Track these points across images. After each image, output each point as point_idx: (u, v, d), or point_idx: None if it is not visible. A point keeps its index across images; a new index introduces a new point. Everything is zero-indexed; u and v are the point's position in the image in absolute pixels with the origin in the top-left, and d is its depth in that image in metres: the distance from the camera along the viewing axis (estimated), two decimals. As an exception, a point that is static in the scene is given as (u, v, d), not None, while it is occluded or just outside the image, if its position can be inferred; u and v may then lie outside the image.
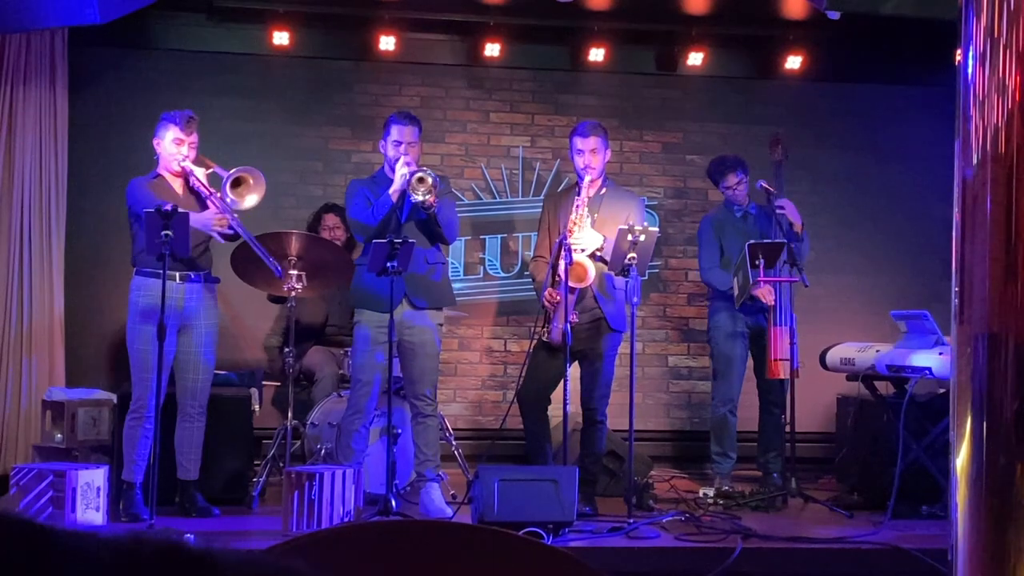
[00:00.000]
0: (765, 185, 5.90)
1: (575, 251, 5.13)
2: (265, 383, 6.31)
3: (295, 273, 5.23)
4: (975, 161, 2.01)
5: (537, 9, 6.95)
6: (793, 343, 5.64)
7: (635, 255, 4.97)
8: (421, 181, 4.99)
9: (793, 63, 7.26)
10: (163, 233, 4.59)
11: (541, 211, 5.73)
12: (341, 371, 6.07)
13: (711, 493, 5.72)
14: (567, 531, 4.68)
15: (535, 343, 5.37)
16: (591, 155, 5.35)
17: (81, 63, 6.65)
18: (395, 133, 5.20)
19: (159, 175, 5.12)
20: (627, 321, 5.31)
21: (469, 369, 7.12)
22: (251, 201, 4.98)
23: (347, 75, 7.13)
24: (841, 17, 6.33)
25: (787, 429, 5.80)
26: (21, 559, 0.62)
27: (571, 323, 5.09)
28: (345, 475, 4.74)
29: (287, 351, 5.44)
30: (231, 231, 5.01)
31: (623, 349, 5.48)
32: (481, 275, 7.18)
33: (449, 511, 5.09)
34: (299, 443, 5.77)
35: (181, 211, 4.69)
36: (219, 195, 4.98)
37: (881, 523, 5.01)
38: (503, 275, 7.19)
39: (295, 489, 4.62)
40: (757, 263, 5.51)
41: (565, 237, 5.16)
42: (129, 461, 5.00)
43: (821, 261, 6.07)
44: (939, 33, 5.32)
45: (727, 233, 5.94)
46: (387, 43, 6.92)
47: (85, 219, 6.64)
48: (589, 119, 5.79)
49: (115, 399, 5.59)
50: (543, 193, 7.02)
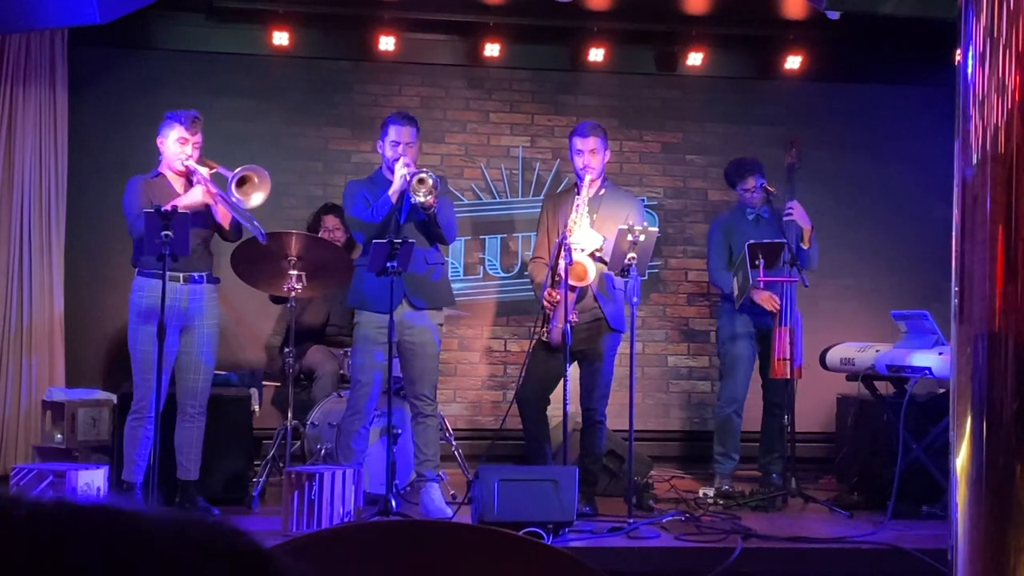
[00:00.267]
0: (765, 185, 5.90)
1: (575, 251, 5.13)
2: (265, 383, 6.32)
3: (295, 273, 5.23)
4: (975, 161, 2.01)
5: (537, 9, 6.95)
6: (794, 343, 5.64)
7: (635, 255, 4.97)
8: (421, 182, 4.98)
9: (793, 63, 7.26)
10: (163, 233, 4.59)
11: (540, 212, 5.73)
12: (341, 371, 6.06)
13: (711, 493, 5.72)
14: (567, 531, 4.68)
15: (534, 343, 5.37)
16: (590, 155, 5.35)
17: (81, 63, 6.65)
18: (393, 134, 5.20)
19: (160, 174, 5.11)
20: (627, 321, 5.30)
21: (469, 369, 7.12)
22: (257, 200, 4.98)
23: (347, 75, 7.13)
24: (841, 17, 6.33)
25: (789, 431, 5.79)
26: (99, 553, 0.60)
27: (571, 323, 5.09)
28: (345, 475, 4.73)
29: (287, 351, 5.44)
30: (224, 207, 4.99)
31: (623, 349, 5.48)
32: (481, 275, 7.18)
33: (449, 511, 5.09)
34: (299, 443, 5.77)
35: (181, 212, 4.70)
36: (213, 178, 4.98)
37: (881, 523, 5.01)
38: (503, 275, 7.19)
39: (295, 489, 4.62)
40: (757, 263, 5.51)
41: (565, 237, 5.16)
42: (129, 461, 5.00)
43: (821, 261, 6.06)
44: (939, 33, 5.31)
45: (737, 235, 5.88)
46: (387, 43, 6.92)
47: (85, 219, 6.64)
48: (589, 119, 5.79)
49: (115, 399, 5.59)
50: (543, 193, 7.01)
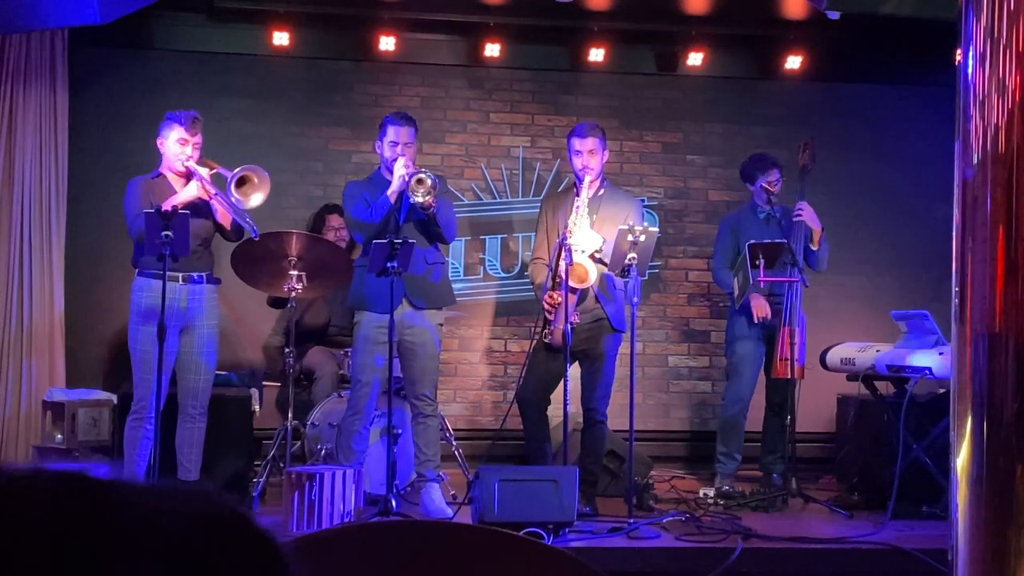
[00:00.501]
0: (765, 185, 5.90)
1: (575, 252, 5.12)
2: (265, 384, 6.31)
3: (295, 274, 5.22)
4: (975, 161, 2.01)
5: (537, 9, 6.95)
6: (795, 343, 5.64)
7: (635, 255, 4.96)
8: (420, 182, 4.98)
9: (793, 63, 7.26)
10: (163, 233, 4.59)
11: (539, 212, 5.72)
12: (341, 371, 6.06)
13: (711, 493, 5.72)
14: (567, 531, 4.68)
15: (535, 343, 5.37)
16: (589, 156, 5.35)
17: (81, 63, 6.65)
18: (391, 134, 5.20)
19: (161, 174, 5.11)
20: (628, 321, 5.30)
21: (469, 369, 7.12)
22: (256, 200, 4.98)
23: (347, 75, 7.13)
24: (841, 17, 6.32)
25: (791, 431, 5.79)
26: (83, 514, 0.63)
27: (572, 324, 5.09)
28: (345, 475, 4.73)
29: (287, 351, 5.44)
30: (220, 203, 4.99)
31: (623, 349, 5.47)
32: (481, 275, 7.18)
33: (449, 511, 5.09)
34: (299, 443, 5.76)
35: (181, 212, 4.70)
36: (213, 178, 4.98)
37: (881, 523, 5.01)
38: (503, 275, 7.19)
39: (295, 489, 4.62)
40: (758, 263, 5.51)
41: (565, 238, 5.16)
42: (130, 461, 4.99)
43: (809, 266, 6.07)
44: (939, 33, 5.30)
45: (746, 235, 5.83)
46: (387, 43, 6.92)
47: (85, 219, 6.63)
48: (589, 119, 5.78)
49: (115, 400, 5.59)
50: (543, 193, 7.01)
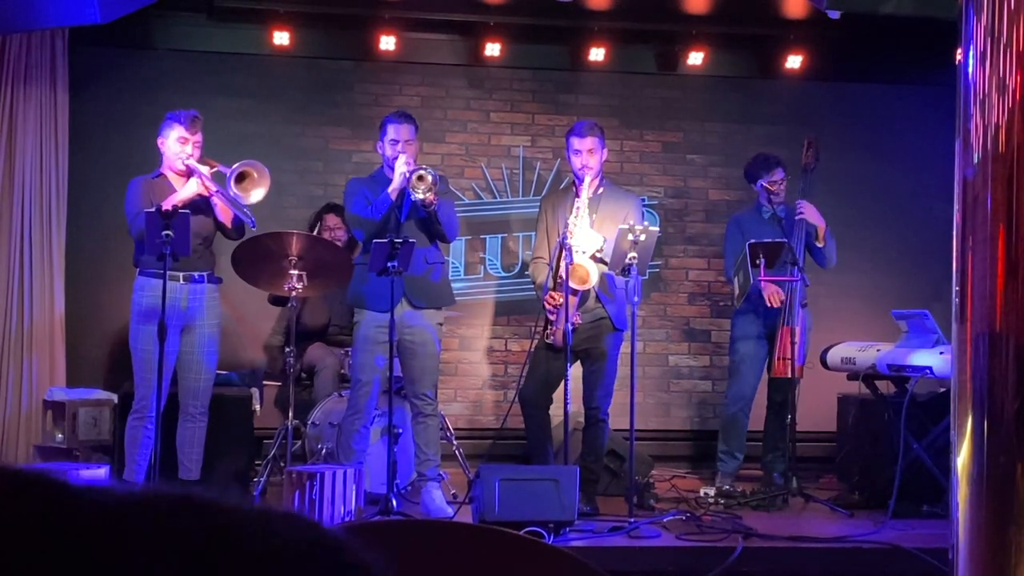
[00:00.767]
0: (765, 185, 5.90)
1: (575, 253, 5.12)
2: (266, 383, 6.32)
3: (295, 273, 5.22)
4: (976, 160, 2.01)
5: (537, 9, 6.95)
6: (795, 342, 5.64)
7: (635, 255, 4.96)
8: (421, 179, 4.98)
9: (794, 63, 7.26)
10: (163, 233, 4.59)
11: (538, 212, 5.71)
12: (342, 371, 6.06)
13: (712, 492, 5.72)
14: (568, 530, 4.68)
15: (536, 343, 5.37)
16: (588, 155, 5.34)
17: (81, 63, 6.64)
18: (392, 132, 5.20)
19: (162, 174, 5.12)
20: (628, 320, 5.30)
21: (470, 369, 7.12)
22: (257, 195, 4.99)
23: (347, 75, 7.13)
24: (841, 17, 6.32)
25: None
26: (36, 513, 0.62)
27: (573, 324, 5.09)
28: (346, 475, 4.73)
29: (288, 351, 5.44)
30: (220, 196, 5.00)
31: (624, 348, 5.48)
32: (481, 275, 7.18)
33: (450, 511, 5.09)
34: (300, 443, 5.76)
35: (182, 212, 4.70)
36: (213, 175, 4.98)
37: (882, 522, 5.01)
38: (503, 275, 7.19)
39: (296, 489, 4.62)
40: (758, 263, 5.51)
41: (565, 238, 5.16)
42: (131, 461, 5.00)
43: (817, 265, 6.07)
44: (939, 33, 5.30)
45: (749, 234, 5.82)
46: (387, 43, 6.92)
47: (85, 219, 6.63)
48: (588, 119, 5.78)
49: (116, 399, 5.60)
50: (543, 193, 7.01)
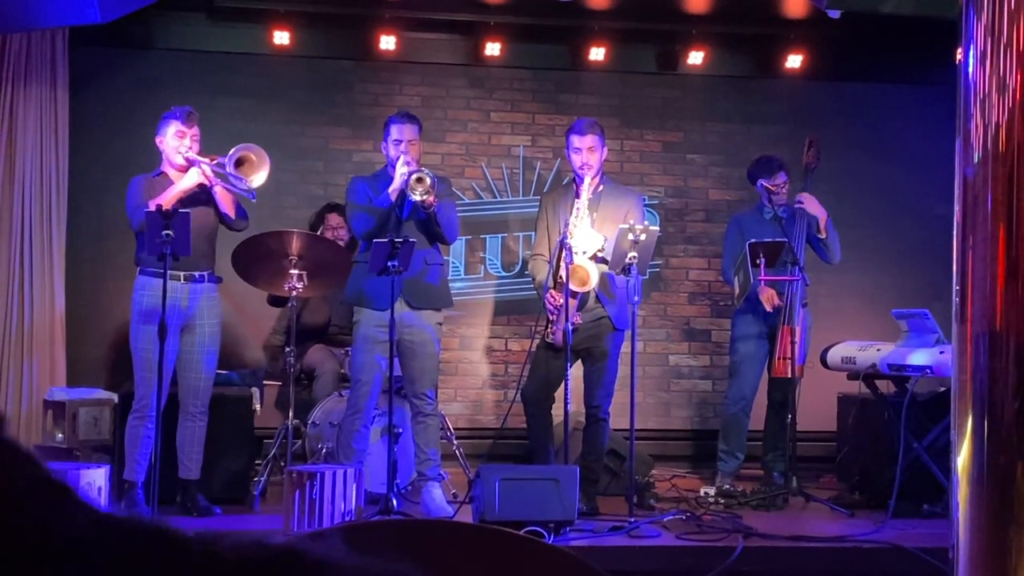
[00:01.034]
0: (765, 185, 5.89)
1: (576, 253, 5.12)
2: (266, 383, 6.31)
3: (296, 272, 5.22)
4: (976, 160, 2.01)
5: (537, 8, 6.95)
6: (795, 342, 5.63)
7: (636, 254, 4.96)
8: (419, 181, 4.99)
9: (794, 62, 7.26)
10: (164, 233, 4.59)
11: (538, 210, 5.71)
12: (342, 370, 6.06)
13: (712, 492, 5.71)
14: (568, 530, 4.68)
15: (537, 342, 5.36)
16: (588, 153, 5.34)
17: (81, 63, 6.64)
18: (395, 132, 5.21)
19: (162, 172, 5.12)
20: (629, 320, 5.30)
21: (470, 368, 7.12)
22: (259, 179, 4.99)
23: (347, 75, 7.13)
24: (842, 16, 6.32)
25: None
26: (158, 565, 0.63)
27: (573, 324, 5.09)
28: (346, 474, 4.73)
29: (288, 350, 5.44)
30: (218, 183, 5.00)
31: (624, 348, 5.47)
32: (481, 274, 7.18)
33: (450, 510, 5.09)
34: (300, 442, 5.76)
35: (182, 212, 4.70)
36: (217, 163, 4.98)
37: (882, 522, 5.01)
38: (503, 274, 7.19)
39: (296, 488, 4.62)
40: (758, 262, 5.51)
41: (565, 237, 5.15)
42: (131, 460, 5.00)
43: (822, 260, 6.07)
44: (939, 32, 5.31)
45: (749, 234, 5.81)
46: (387, 43, 6.92)
47: (85, 219, 6.64)
48: (587, 117, 5.77)
49: (116, 399, 5.59)
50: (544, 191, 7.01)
